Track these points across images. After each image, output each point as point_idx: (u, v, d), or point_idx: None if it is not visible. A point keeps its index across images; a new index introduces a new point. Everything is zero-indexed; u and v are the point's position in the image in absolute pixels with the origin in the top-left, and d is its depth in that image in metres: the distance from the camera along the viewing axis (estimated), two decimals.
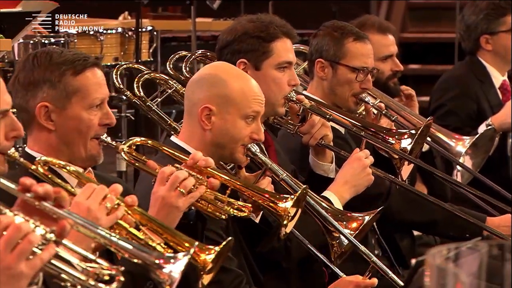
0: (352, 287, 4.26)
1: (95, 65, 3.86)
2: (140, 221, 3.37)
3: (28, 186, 2.83)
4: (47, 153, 3.69)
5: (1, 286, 2.67)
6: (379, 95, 5.45)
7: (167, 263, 2.95)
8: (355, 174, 4.64)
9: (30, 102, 3.79)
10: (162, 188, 3.65)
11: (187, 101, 4.25)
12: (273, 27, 4.77)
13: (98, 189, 3.29)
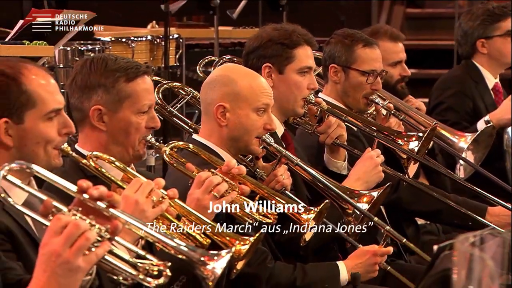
0: (369, 255, 4.24)
1: (146, 73, 3.82)
2: (181, 213, 3.35)
3: (84, 188, 2.79)
4: (97, 151, 3.60)
5: (59, 279, 2.63)
6: (388, 96, 5.41)
7: (211, 260, 2.90)
8: (367, 171, 4.59)
9: (84, 104, 3.75)
10: (197, 191, 3.62)
11: (203, 102, 4.26)
12: (296, 35, 4.75)
13: (145, 184, 3.28)
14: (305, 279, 4.19)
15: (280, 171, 4.17)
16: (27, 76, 3.24)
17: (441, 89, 6.31)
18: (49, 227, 2.69)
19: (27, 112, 3.22)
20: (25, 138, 3.23)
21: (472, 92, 6.22)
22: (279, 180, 4.14)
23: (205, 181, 3.63)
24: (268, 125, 4.18)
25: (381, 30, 5.80)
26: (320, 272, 4.24)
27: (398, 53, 5.79)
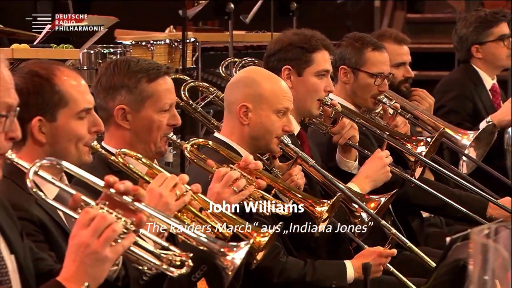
0: (375, 256, 4.20)
1: (166, 73, 3.79)
2: (204, 207, 3.33)
3: (111, 183, 2.77)
4: (122, 148, 3.60)
5: (88, 268, 2.61)
6: (394, 96, 5.39)
7: (230, 251, 2.88)
8: (375, 170, 4.57)
9: (109, 103, 3.73)
10: (217, 185, 3.59)
11: (226, 101, 4.22)
12: (315, 40, 4.73)
13: (169, 178, 3.27)
14: (315, 275, 4.15)
15: (295, 171, 4.15)
16: (60, 77, 3.22)
17: (443, 91, 6.27)
18: (77, 219, 2.67)
19: (60, 111, 3.21)
20: (58, 136, 3.22)
21: (472, 94, 6.18)
22: (294, 180, 4.13)
23: (224, 176, 3.59)
24: (287, 127, 4.15)
25: (386, 33, 5.75)
26: (329, 270, 4.20)
27: (402, 55, 5.73)
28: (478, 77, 6.22)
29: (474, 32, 6.17)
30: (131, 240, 2.66)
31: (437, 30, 11.16)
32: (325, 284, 4.15)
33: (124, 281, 2.95)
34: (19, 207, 2.99)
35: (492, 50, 6.16)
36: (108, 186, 2.77)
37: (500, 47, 6.15)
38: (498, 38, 6.15)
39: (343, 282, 4.17)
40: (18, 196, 3.04)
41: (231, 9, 7.21)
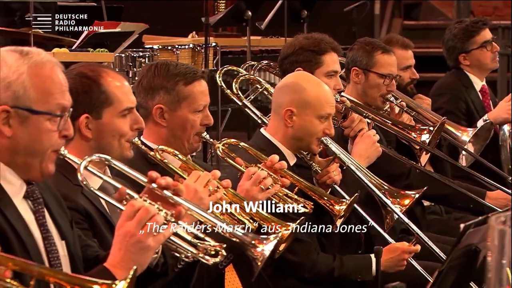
0: (400, 252, 4.11)
1: (202, 77, 3.74)
2: (233, 201, 3.29)
3: (154, 178, 2.75)
4: (158, 143, 3.60)
5: (132, 255, 2.59)
6: (401, 96, 5.30)
7: (260, 243, 2.86)
8: (367, 148, 4.46)
9: (149, 103, 3.68)
10: (247, 183, 3.54)
11: (274, 103, 4.16)
12: (324, 43, 4.66)
13: (203, 175, 3.22)
14: (342, 269, 4.08)
15: (332, 168, 4.10)
16: (106, 79, 3.19)
17: (438, 95, 6.20)
18: (123, 211, 2.64)
19: (105, 110, 3.18)
20: (103, 132, 3.19)
21: (464, 96, 6.12)
22: (331, 176, 4.08)
23: (253, 175, 3.54)
24: (328, 130, 4.09)
25: (393, 39, 5.70)
26: (355, 264, 4.11)
27: (408, 59, 5.68)
28: (468, 80, 6.17)
29: (459, 43, 6.12)
30: (171, 230, 2.64)
31: (431, 36, 11.08)
32: (352, 277, 4.08)
33: (162, 267, 2.91)
34: (67, 197, 2.95)
35: (477, 57, 6.11)
36: (151, 181, 2.75)
37: (484, 52, 6.10)
38: (481, 45, 6.09)
39: (369, 275, 4.08)
40: (66, 187, 3.02)
41: (249, 17, 7.16)
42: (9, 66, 2.59)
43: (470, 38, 6.10)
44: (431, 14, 11.66)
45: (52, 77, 2.64)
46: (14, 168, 2.64)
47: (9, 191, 2.63)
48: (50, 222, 2.73)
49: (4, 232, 2.57)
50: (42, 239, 2.68)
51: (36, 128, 2.62)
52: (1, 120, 2.59)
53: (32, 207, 2.68)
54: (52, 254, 2.69)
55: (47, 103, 2.62)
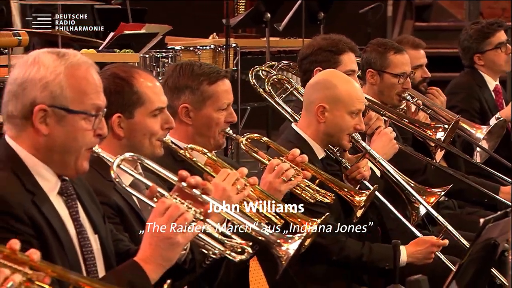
0: (429, 245, 4.06)
1: (225, 76, 3.70)
2: (260, 197, 3.26)
3: (184, 177, 2.74)
4: (184, 141, 3.57)
5: (162, 251, 2.57)
6: (416, 94, 5.27)
7: (285, 242, 2.83)
8: (384, 145, 4.41)
9: (174, 102, 3.64)
10: (270, 175, 3.51)
11: (305, 100, 4.13)
12: (342, 43, 4.63)
13: (231, 174, 3.19)
14: (370, 256, 4.02)
15: (362, 164, 4.07)
16: (138, 79, 3.17)
17: (452, 93, 6.14)
18: (154, 208, 2.63)
19: (137, 109, 3.16)
20: (134, 131, 3.17)
21: (478, 95, 6.08)
22: (361, 172, 4.04)
23: (276, 167, 3.52)
24: (358, 126, 4.05)
25: (404, 40, 5.64)
26: (383, 252, 4.04)
27: (419, 58, 5.62)
28: (482, 80, 6.13)
29: (475, 43, 6.08)
30: (200, 228, 2.62)
31: (442, 37, 11.02)
32: (380, 265, 4.02)
33: (190, 264, 2.89)
34: (100, 192, 2.95)
35: (491, 58, 6.07)
36: (181, 180, 2.74)
37: (498, 54, 6.05)
38: (495, 46, 6.05)
39: (396, 264, 3.95)
40: (99, 183, 3.00)
41: (268, 18, 7.12)
42: (46, 67, 2.59)
43: (485, 39, 6.07)
44: (441, 15, 11.58)
45: (88, 78, 2.64)
46: (50, 165, 2.64)
47: (45, 187, 2.63)
48: (84, 217, 2.73)
49: (40, 227, 2.57)
50: (76, 233, 2.67)
51: (71, 126, 2.62)
52: (38, 119, 2.59)
53: (66, 202, 2.68)
54: (86, 248, 2.68)
55: (83, 103, 2.62)
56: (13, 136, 2.64)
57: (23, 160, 2.62)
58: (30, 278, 2.23)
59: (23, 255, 2.26)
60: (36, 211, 2.56)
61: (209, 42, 7.32)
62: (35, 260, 2.25)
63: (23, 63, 2.61)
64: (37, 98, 2.58)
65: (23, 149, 2.62)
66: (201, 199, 2.72)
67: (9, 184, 2.56)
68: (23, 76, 2.59)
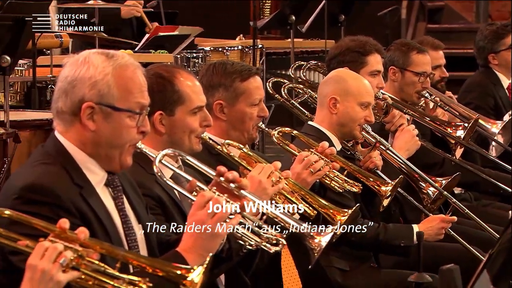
0: (439, 221, 4.07)
1: (256, 74, 3.65)
2: (293, 189, 3.21)
3: (222, 172, 2.71)
4: (219, 136, 3.51)
5: (203, 242, 2.55)
6: (434, 92, 5.19)
7: (318, 235, 2.80)
8: (407, 142, 4.38)
9: (209, 99, 3.55)
10: (299, 166, 3.47)
11: (319, 96, 4.11)
12: (369, 45, 4.58)
13: (266, 167, 3.14)
14: (386, 234, 3.99)
15: (374, 154, 4.03)
16: (179, 79, 3.13)
17: (468, 91, 6.09)
18: (195, 202, 2.60)
19: (178, 107, 3.12)
20: (175, 128, 3.12)
21: (492, 92, 6.01)
22: (373, 161, 4.01)
23: (305, 159, 3.48)
24: (368, 117, 4.03)
25: (425, 41, 5.56)
26: (399, 231, 4.03)
27: (438, 59, 5.54)
28: (496, 78, 6.05)
29: (489, 43, 6.02)
30: (238, 220, 2.59)
31: (453, 38, 10.89)
32: (395, 242, 3.99)
33: (227, 253, 2.85)
34: (143, 185, 2.91)
35: (505, 57, 6.00)
36: (219, 175, 2.71)
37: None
38: (509, 47, 5.97)
39: (411, 242, 4.00)
40: (142, 176, 2.96)
41: (293, 20, 7.05)
42: (95, 67, 2.57)
43: (499, 40, 6.00)
44: (452, 18, 11.48)
45: (134, 78, 2.62)
46: (96, 159, 2.62)
47: (92, 180, 2.61)
48: (128, 208, 2.70)
49: (88, 219, 2.54)
50: (122, 223, 2.65)
51: (117, 123, 2.59)
52: (86, 115, 2.57)
53: (112, 194, 2.66)
54: (130, 237, 2.66)
55: (128, 101, 2.60)
56: (62, 132, 2.62)
57: (72, 154, 2.60)
58: (81, 254, 2.23)
59: (73, 233, 2.27)
60: (83, 203, 2.54)
61: (237, 43, 7.25)
62: (82, 238, 2.25)
63: (73, 62, 2.59)
64: (85, 95, 2.56)
65: (71, 144, 2.60)
66: (237, 193, 2.69)
67: (58, 177, 2.54)
68: (73, 74, 2.57)
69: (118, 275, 2.25)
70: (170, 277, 2.28)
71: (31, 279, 2.20)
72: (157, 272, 2.29)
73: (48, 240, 2.23)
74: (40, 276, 2.19)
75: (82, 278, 2.22)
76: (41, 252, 2.20)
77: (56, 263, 2.19)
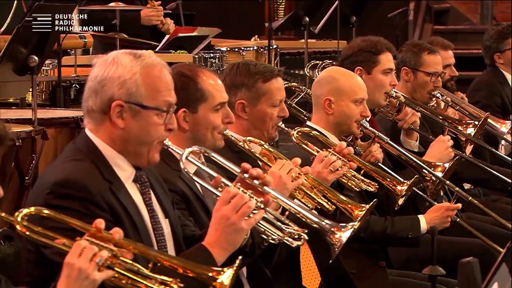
0: (443, 210, 4.03)
1: (278, 75, 3.60)
2: (313, 185, 3.17)
3: (246, 169, 2.69)
4: (241, 134, 3.49)
5: (227, 236, 2.53)
6: (446, 92, 5.13)
7: (339, 230, 2.78)
8: (440, 152, 4.36)
9: (231, 98, 3.52)
10: (318, 165, 3.42)
11: (313, 97, 4.05)
12: (380, 44, 4.52)
13: (286, 163, 3.12)
14: (393, 228, 3.96)
15: (374, 148, 3.99)
16: (201, 77, 3.11)
17: (476, 90, 6.04)
18: (220, 197, 2.57)
19: (201, 105, 3.09)
20: (198, 124, 3.10)
21: (499, 91, 5.97)
22: (374, 155, 3.96)
23: (324, 158, 3.44)
24: (364, 112, 3.97)
25: (435, 41, 5.50)
26: (405, 223, 4.00)
27: (448, 58, 5.49)
28: (503, 77, 6.02)
29: (495, 43, 5.99)
30: (261, 215, 2.56)
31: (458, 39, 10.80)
32: (403, 235, 3.96)
33: (251, 247, 2.82)
34: (167, 180, 2.87)
35: (509, 56, 5.96)
36: (244, 171, 2.69)
37: None
38: None
39: (418, 232, 3.97)
40: (166, 171, 2.93)
41: (307, 22, 7.01)
42: (124, 66, 2.56)
43: (504, 40, 5.98)
44: (458, 19, 11.42)
45: (161, 77, 2.60)
46: (125, 156, 2.60)
47: (121, 176, 2.59)
48: (155, 203, 2.68)
49: (118, 213, 2.52)
50: (149, 218, 2.63)
51: (145, 121, 2.57)
52: (115, 113, 2.56)
53: (140, 189, 2.64)
54: (158, 231, 2.64)
55: (156, 100, 2.58)
56: (92, 129, 2.60)
57: (102, 151, 2.58)
58: (115, 254, 2.22)
59: (107, 233, 2.27)
60: (113, 198, 2.53)
61: (252, 44, 7.20)
62: (117, 239, 2.24)
63: (103, 62, 2.58)
64: (114, 94, 2.55)
65: (101, 141, 2.59)
66: (261, 189, 2.66)
67: (89, 173, 2.52)
68: (102, 74, 2.56)
69: (151, 275, 2.24)
70: (201, 279, 2.27)
71: (68, 277, 2.19)
72: (188, 273, 2.28)
73: (84, 239, 2.22)
74: (77, 274, 2.18)
75: (116, 277, 2.22)
76: (78, 251, 2.20)
77: (92, 262, 2.19)
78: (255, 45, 7.12)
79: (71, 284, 2.18)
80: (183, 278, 2.27)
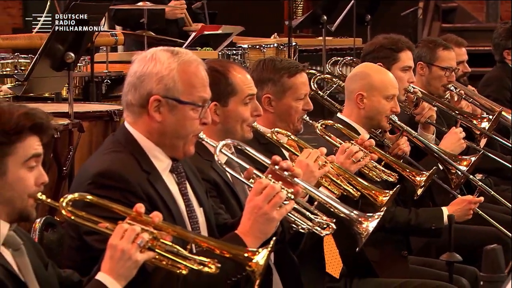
0: (466, 203, 3.95)
1: (303, 70, 3.55)
2: (338, 173, 3.13)
3: (277, 161, 2.63)
4: (267, 127, 3.41)
5: (260, 226, 2.47)
6: (459, 86, 5.06)
7: (366, 220, 2.72)
8: (453, 143, 4.28)
9: (258, 93, 3.46)
10: (341, 156, 3.37)
11: (346, 91, 3.98)
12: (401, 42, 4.45)
13: (313, 152, 3.07)
14: (417, 219, 3.89)
15: (401, 141, 3.93)
16: (232, 73, 3.06)
17: (486, 85, 5.95)
18: (253, 188, 2.53)
19: (231, 98, 3.05)
20: (228, 117, 3.06)
21: (509, 86, 5.89)
22: (401, 148, 3.91)
23: (347, 150, 3.39)
24: (394, 108, 3.90)
25: (448, 38, 5.42)
26: (429, 214, 3.93)
27: (461, 55, 5.40)
28: None
29: (503, 40, 5.93)
30: (291, 205, 2.52)
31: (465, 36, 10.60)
32: (426, 226, 3.89)
33: (281, 235, 2.77)
34: (200, 170, 2.84)
35: None
36: (274, 163, 2.64)
37: None
38: None
39: (441, 224, 3.90)
40: (198, 162, 2.89)
41: (324, 20, 6.94)
42: (162, 63, 2.53)
43: None
44: (464, 18, 11.30)
45: (197, 74, 2.57)
46: (162, 148, 2.57)
47: (158, 167, 2.56)
48: (191, 192, 2.65)
49: (155, 203, 2.49)
50: (185, 207, 2.60)
51: (181, 115, 2.54)
52: (153, 108, 2.53)
53: (176, 180, 2.61)
54: (193, 219, 2.61)
55: (192, 95, 2.55)
56: (131, 122, 2.58)
57: (140, 143, 2.56)
58: (155, 236, 2.20)
59: (147, 217, 2.24)
60: (151, 188, 2.50)
61: (273, 41, 7.14)
62: (157, 222, 2.22)
63: (142, 59, 2.55)
64: (153, 89, 2.52)
65: (140, 134, 2.56)
66: (291, 181, 2.62)
67: (128, 164, 2.50)
68: (141, 70, 2.53)
69: (190, 256, 2.21)
70: (237, 259, 2.24)
71: (112, 258, 2.17)
72: (225, 253, 2.24)
73: (126, 223, 2.19)
74: (120, 255, 2.17)
75: (157, 258, 2.20)
76: (121, 233, 2.19)
77: (134, 244, 2.17)
78: (275, 42, 7.07)
79: (114, 264, 2.17)
80: (219, 258, 2.24)
